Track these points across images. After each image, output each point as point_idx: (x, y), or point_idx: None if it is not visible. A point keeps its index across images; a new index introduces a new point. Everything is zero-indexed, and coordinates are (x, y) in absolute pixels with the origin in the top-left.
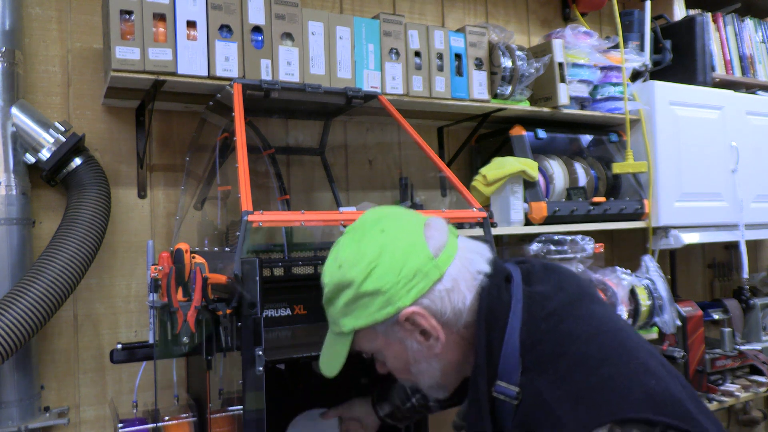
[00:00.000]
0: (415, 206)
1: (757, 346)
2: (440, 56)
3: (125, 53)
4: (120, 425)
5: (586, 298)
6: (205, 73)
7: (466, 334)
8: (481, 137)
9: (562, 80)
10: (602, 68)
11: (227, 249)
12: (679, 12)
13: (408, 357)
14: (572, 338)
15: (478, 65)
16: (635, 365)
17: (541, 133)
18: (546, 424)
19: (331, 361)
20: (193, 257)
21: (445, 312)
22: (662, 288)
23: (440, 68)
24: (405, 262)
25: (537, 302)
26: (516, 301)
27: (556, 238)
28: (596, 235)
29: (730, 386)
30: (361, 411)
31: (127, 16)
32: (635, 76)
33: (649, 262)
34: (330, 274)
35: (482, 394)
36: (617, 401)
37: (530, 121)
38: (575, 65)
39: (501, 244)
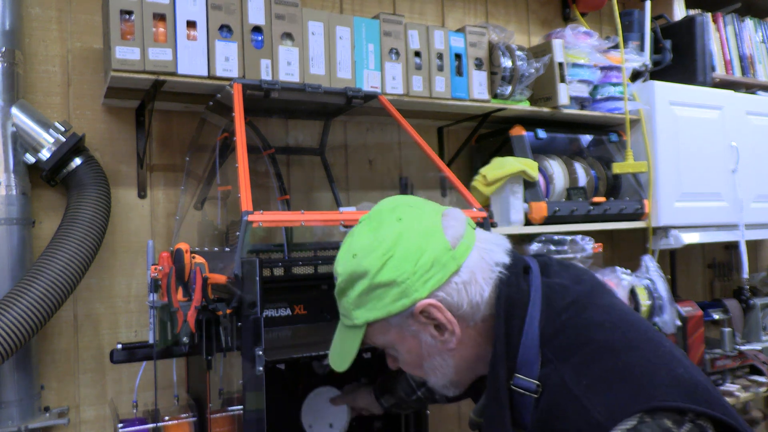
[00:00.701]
0: None
1: (757, 346)
2: (440, 56)
3: (125, 53)
4: (120, 425)
5: (604, 291)
6: (205, 73)
7: (483, 329)
8: (481, 137)
9: (562, 80)
10: (602, 68)
11: (227, 249)
12: (679, 12)
13: (422, 351)
14: (595, 326)
15: (478, 65)
16: (662, 352)
17: (541, 133)
18: (571, 415)
19: (341, 355)
20: (193, 257)
21: (461, 305)
22: (662, 288)
23: (440, 68)
24: (422, 252)
25: (557, 292)
26: (535, 290)
27: (556, 238)
28: (596, 235)
29: (730, 386)
30: (364, 402)
31: (127, 16)
32: (635, 76)
33: (649, 262)
34: (344, 263)
35: (502, 386)
36: (646, 389)
37: (530, 121)
38: (575, 65)
39: None
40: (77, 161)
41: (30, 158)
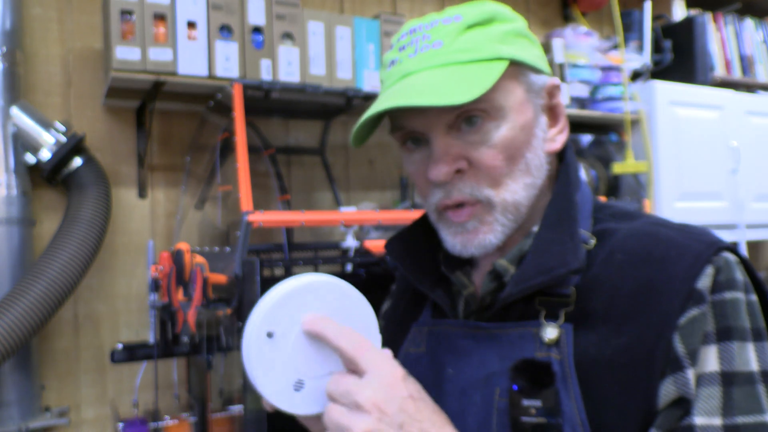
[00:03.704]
0: (415, 206)
1: None
2: None
3: (125, 53)
4: (120, 425)
5: None
6: (206, 73)
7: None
8: None
9: (563, 80)
10: (602, 68)
11: (227, 249)
12: (679, 12)
13: (530, 136)
14: (640, 212)
15: None
16: None
17: None
18: (657, 249)
19: (462, 83)
20: (194, 257)
21: None
22: None
23: None
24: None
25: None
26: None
27: None
28: None
29: None
30: None
31: (128, 17)
32: (635, 76)
33: None
34: (468, 5)
35: (572, 207)
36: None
37: None
38: (575, 65)
39: None
40: (78, 161)
41: (31, 158)
